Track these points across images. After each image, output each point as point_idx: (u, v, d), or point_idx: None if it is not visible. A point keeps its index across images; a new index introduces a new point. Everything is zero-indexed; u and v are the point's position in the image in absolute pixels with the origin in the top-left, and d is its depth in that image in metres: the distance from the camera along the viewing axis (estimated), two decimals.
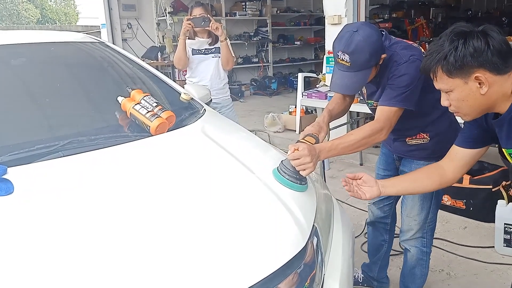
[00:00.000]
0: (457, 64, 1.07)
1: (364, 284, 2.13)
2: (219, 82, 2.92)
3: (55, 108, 1.67)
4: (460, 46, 1.07)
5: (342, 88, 1.53)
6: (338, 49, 1.45)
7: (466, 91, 1.10)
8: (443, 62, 1.10)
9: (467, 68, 1.07)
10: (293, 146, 1.35)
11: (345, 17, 4.14)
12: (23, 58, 1.85)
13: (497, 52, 1.05)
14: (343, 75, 1.47)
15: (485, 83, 1.07)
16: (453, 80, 1.10)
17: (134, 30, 7.43)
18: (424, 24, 7.41)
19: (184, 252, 1.00)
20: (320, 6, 4.71)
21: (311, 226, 1.24)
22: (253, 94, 8.27)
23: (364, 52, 1.41)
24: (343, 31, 1.46)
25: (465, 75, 1.08)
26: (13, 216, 1.05)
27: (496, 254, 2.43)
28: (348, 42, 1.41)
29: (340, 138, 1.47)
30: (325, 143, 1.44)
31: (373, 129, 1.48)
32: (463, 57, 1.06)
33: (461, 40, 1.07)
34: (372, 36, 1.42)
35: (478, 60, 1.06)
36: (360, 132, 1.48)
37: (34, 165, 1.25)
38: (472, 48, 1.05)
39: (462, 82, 1.09)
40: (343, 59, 1.43)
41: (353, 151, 1.50)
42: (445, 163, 1.32)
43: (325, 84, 4.36)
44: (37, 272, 0.89)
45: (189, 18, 2.77)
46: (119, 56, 2.14)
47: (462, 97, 1.12)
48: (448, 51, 1.08)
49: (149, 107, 1.58)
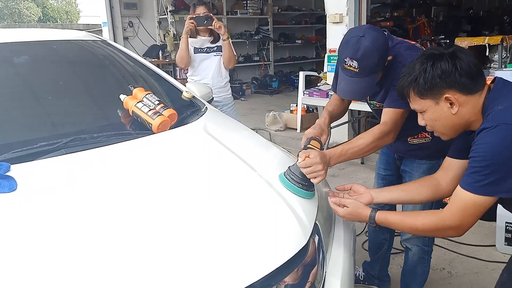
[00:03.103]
0: (426, 85, 1.13)
1: (365, 282, 2.13)
2: (221, 81, 2.92)
3: (58, 106, 1.68)
4: (428, 69, 1.12)
5: (351, 94, 1.52)
6: (345, 55, 1.42)
7: (438, 111, 1.15)
8: (414, 84, 1.15)
9: (437, 89, 1.12)
10: (304, 153, 1.33)
11: (346, 16, 4.14)
12: (26, 56, 1.86)
13: (466, 73, 1.10)
14: (351, 81, 1.45)
15: (456, 103, 1.12)
16: (425, 101, 1.16)
17: (135, 28, 7.44)
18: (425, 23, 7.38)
19: (188, 249, 1.01)
20: (321, 5, 4.71)
21: (312, 224, 1.24)
22: (254, 92, 8.28)
23: (372, 57, 1.38)
24: (348, 36, 1.43)
25: (436, 96, 1.13)
26: (17, 213, 1.05)
27: (498, 252, 2.43)
28: (355, 48, 1.38)
29: (349, 143, 1.46)
30: (334, 149, 1.43)
31: (382, 132, 1.47)
32: (431, 78, 1.12)
33: (429, 63, 1.13)
34: (379, 40, 1.40)
35: (446, 81, 1.11)
36: (369, 136, 1.47)
37: (37, 163, 1.26)
38: (440, 70, 1.11)
39: (434, 103, 1.15)
40: (351, 65, 1.40)
41: (362, 155, 1.51)
42: (439, 175, 1.34)
43: (327, 83, 4.36)
44: (40, 269, 0.89)
45: (192, 16, 2.77)
46: (121, 54, 2.14)
47: (435, 117, 1.17)
48: (418, 73, 1.14)
49: (151, 105, 1.59)
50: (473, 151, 1.08)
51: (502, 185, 1.04)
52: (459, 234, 1.16)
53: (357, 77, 1.42)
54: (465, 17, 8.43)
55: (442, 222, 1.13)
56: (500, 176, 1.03)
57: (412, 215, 1.22)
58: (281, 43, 8.90)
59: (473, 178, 1.06)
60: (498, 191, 1.05)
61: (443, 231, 1.18)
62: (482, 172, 1.05)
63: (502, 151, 1.02)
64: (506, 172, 1.03)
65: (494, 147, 1.03)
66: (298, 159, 1.33)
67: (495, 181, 1.04)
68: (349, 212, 1.28)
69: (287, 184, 1.33)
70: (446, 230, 1.16)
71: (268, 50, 8.70)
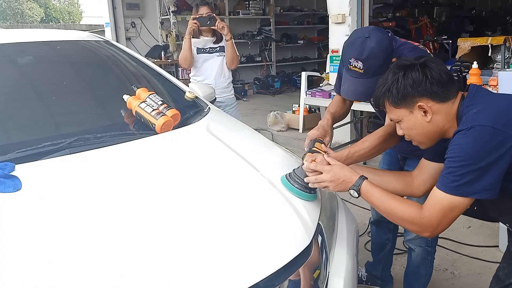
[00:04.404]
0: (399, 95, 1.16)
1: (368, 283, 2.13)
2: (224, 81, 2.93)
3: (62, 106, 1.68)
4: (400, 79, 1.16)
5: (356, 95, 1.52)
6: (350, 56, 1.42)
7: (412, 120, 1.18)
8: (388, 94, 1.19)
9: (409, 98, 1.15)
10: (311, 157, 1.32)
11: (349, 16, 4.13)
12: (30, 57, 1.86)
13: (437, 81, 1.13)
14: (356, 82, 1.45)
15: (429, 111, 1.15)
16: (400, 110, 1.19)
17: (137, 29, 7.46)
18: (427, 23, 7.37)
19: (192, 249, 1.01)
20: (323, 5, 4.70)
21: (315, 225, 1.24)
22: (256, 93, 8.27)
23: (377, 58, 1.38)
24: (353, 37, 1.43)
25: (409, 105, 1.16)
26: (21, 213, 1.06)
27: (501, 253, 2.42)
28: (360, 48, 1.38)
29: (355, 146, 1.47)
30: (340, 153, 1.43)
31: (387, 134, 1.47)
32: (404, 88, 1.15)
33: (401, 73, 1.16)
34: (384, 41, 1.40)
35: (418, 90, 1.14)
36: (374, 139, 1.47)
37: (41, 162, 1.26)
38: (411, 80, 1.14)
39: (408, 112, 1.18)
40: (356, 66, 1.40)
41: (368, 158, 1.51)
42: (415, 174, 1.35)
43: (329, 83, 4.36)
44: (43, 268, 0.90)
45: (195, 17, 2.77)
46: (124, 55, 2.15)
47: (410, 125, 1.19)
48: (391, 83, 1.18)
49: (154, 105, 1.59)
50: (448, 152, 1.10)
51: (476, 185, 1.05)
52: (432, 235, 1.16)
53: (361, 78, 1.42)
54: (467, 18, 8.41)
55: (420, 218, 1.13)
56: (475, 176, 1.05)
57: (395, 200, 1.19)
58: (283, 43, 8.90)
59: (448, 178, 1.08)
60: (473, 192, 1.06)
61: (416, 226, 1.16)
62: (457, 173, 1.06)
63: (477, 151, 1.05)
64: (481, 172, 1.04)
65: (468, 148, 1.05)
66: (304, 163, 1.31)
67: (470, 181, 1.05)
68: (335, 173, 1.24)
69: (288, 186, 1.32)
70: (421, 227, 1.14)
71: (270, 50, 8.70)
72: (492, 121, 1.05)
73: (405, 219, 1.17)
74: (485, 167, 1.04)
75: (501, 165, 1.04)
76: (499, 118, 1.06)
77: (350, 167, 1.30)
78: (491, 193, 1.06)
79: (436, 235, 1.17)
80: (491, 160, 1.03)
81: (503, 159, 1.04)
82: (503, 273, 1.28)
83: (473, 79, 2.87)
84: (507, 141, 1.04)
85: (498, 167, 1.04)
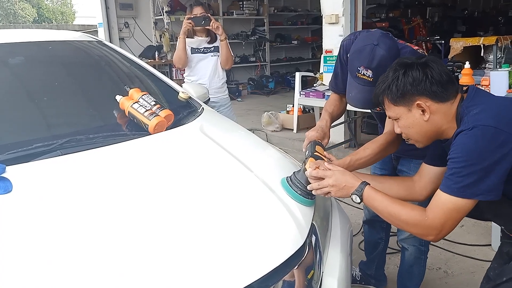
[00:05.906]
0: (398, 92, 1.17)
1: (362, 282, 2.13)
2: (218, 81, 2.92)
3: (53, 106, 1.67)
4: (400, 76, 1.17)
5: (364, 103, 1.50)
6: (359, 64, 1.40)
7: (410, 118, 1.19)
8: (388, 91, 1.20)
9: (408, 96, 1.16)
10: (314, 163, 1.30)
11: (342, 16, 4.14)
12: (21, 57, 1.85)
13: (436, 81, 1.14)
14: (364, 90, 1.43)
15: (427, 110, 1.16)
16: (398, 108, 1.20)
17: (131, 29, 7.42)
18: (420, 24, 7.42)
19: (184, 250, 1.01)
20: (317, 6, 4.71)
21: (309, 225, 1.24)
22: (251, 93, 8.27)
23: (387, 66, 1.35)
24: (360, 44, 1.41)
25: (408, 103, 1.17)
26: (12, 215, 1.05)
27: (493, 252, 2.43)
28: (370, 57, 1.37)
29: (356, 154, 1.47)
30: (343, 160, 1.44)
31: (387, 142, 1.47)
32: (403, 86, 1.16)
33: (401, 71, 1.17)
34: (393, 48, 1.39)
35: (417, 88, 1.15)
36: (375, 146, 1.48)
37: (32, 164, 1.25)
38: (411, 78, 1.15)
39: (406, 110, 1.19)
40: (365, 74, 1.39)
41: (369, 165, 1.52)
42: (416, 178, 1.36)
43: (323, 83, 4.36)
44: (36, 271, 0.89)
45: (190, 17, 2.76)
46: (117, 55, 2.14)
47: (408, 124, 1.20)
48: (391, 81, 1.19)
49: (147, 105, 1.58)
50: (451, 153, 1.10)
51: (480, 186, 1.05)
52: (436, 238, 1.14)
53: (370, 86, 1.40)
54: (460, 18, 8.48)
55: (424, 221, 1.12)
56: (478, 177, 1.05)
57: (398, 204, 1.18)
58: (277, 43, 8.91)
59: (452, 180, 1.08)
60: (477, 193, 1.06)
61: (421, 230, 1.15)
62: (460, 173, 1.06)
63: (480, 151, 1.05)
64: (484, 173, 1.04)
65: (471, 147, 1.06)
66: (307, 169, 1.29)
67: (474, 182, 1.05)
68: (337, 178, 1.22)
69: (289, 191, 1.31)
70: (425, 229, 1.13)
71: (264, 50, 8.71)
72: (494, 121, 1.06)
73: (409, 222, 1.16)
74: (488, 167, 1.04)
75: (504, 165, 1.04)
76: (500, 118, 1.07)
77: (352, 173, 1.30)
78: (495, 194, 1.06)
79: (440, 238, 1.15)
80: (494, 160, 1.03)
81: (505, 159, 1.04)
82: (494, 273, 1.29)
83: (465, 79, 2.89)
84: (509, 141, 1.04)
85: (501, 167, 1.04)
